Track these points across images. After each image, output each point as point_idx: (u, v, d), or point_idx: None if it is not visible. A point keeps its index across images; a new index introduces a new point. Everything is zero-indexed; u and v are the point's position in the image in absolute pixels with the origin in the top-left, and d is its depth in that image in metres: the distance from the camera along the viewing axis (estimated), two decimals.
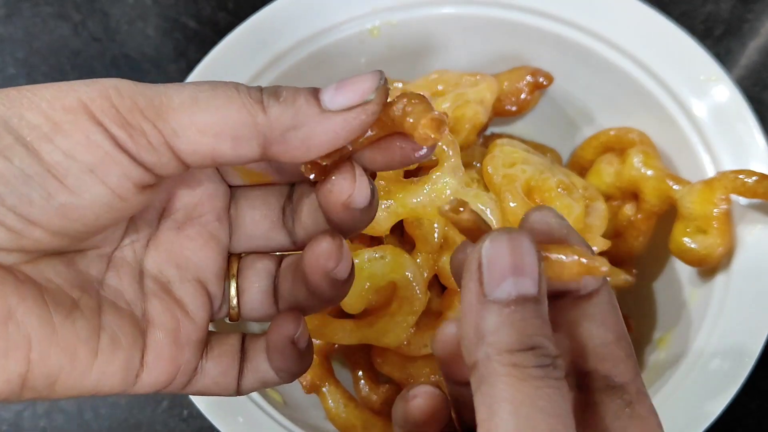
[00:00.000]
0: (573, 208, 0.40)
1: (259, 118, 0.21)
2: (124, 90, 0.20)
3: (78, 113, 0.20)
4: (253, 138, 0.21)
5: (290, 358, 0.25)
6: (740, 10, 0.63)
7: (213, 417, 0.39)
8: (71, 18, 0.66)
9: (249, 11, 0.47)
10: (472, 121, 0.45)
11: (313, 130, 0.21)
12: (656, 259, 0.48)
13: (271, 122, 0.21)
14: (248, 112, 0.21)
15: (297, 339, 0.25)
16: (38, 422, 0.51)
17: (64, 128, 0.20)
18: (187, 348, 0.25)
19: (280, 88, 0.22)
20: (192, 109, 0.21)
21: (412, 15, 0.49)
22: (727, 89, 0.44)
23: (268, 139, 0.21)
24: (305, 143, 0.21)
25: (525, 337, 0.19)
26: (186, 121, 0.21)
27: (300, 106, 0.21)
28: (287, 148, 0.21)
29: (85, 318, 0.23)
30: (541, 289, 0.20)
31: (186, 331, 0.25)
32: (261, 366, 0.26)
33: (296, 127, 0.21)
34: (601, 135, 0.50)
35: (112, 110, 0.20)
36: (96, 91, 0.20)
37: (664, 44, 0.46)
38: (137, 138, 0.20)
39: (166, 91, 0.21)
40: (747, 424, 0.49)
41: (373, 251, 0.39)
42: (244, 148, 0.21)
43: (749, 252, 0.41)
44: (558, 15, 0.47)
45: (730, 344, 0.39)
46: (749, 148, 0.43)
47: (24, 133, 0.20)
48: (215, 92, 0.21)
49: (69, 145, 0.20)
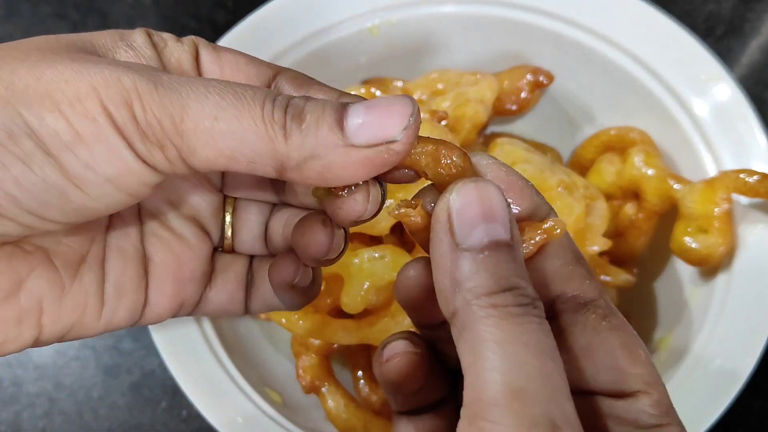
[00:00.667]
0: (574, 207, 0.40)
1: (279, 146, 0.20)
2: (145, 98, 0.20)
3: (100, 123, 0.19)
4: (269, 164, 0.20)
5: (293, 295, 0.26)
6: (742, 9, 0.62)
7: (212, 417, 0.39)
8: (70, 18, 0.66)
9: (248, 10, 0.47)
10: (473, 120, 0.45)
11: (333, 163, 0.20)
12: (657, 258, 0.48)
13: (290, 151, 0.20)
14: (269, 140, 0.20)
15: (297, 283, 0.25)
16: (37, 423, 0.51)
17: (86, 139, 0.19)
18: (189, 283, 0.26)
19: (307, 106, 0.20)
20: (211, 132, 0.20)
21: (412, 14, 0.49)
22: (728, 88, 0.44)
23: (285, 166, 0.20)
24: (322, 175, 0.20)
25: (502, 279, 0.19)
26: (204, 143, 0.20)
27: (322, 135, 0.20)
28: (303, 175, 0.21)
29: (92, 270, 0.24)
30: (514, 235, 0.20)
31: (187, 267, 0.26)
32: (267, 293, 0.27)
33: (314, 157, 0.20)
34: (602, 134, 0.50)
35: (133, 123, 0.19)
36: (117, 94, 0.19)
37: (665, 43, 0.46)
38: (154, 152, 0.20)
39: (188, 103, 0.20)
40: (749, 425, 0.49)
41: (373, 251, 0.39)
42: (259, 170, 0.21)
43: (751, 251, 0.41)
44: (559, 13, 0.47)
45: (732, 344, 0.39)
46: (751, 147, 0.43)
47: (45, 140, 0.19)
48: (238, 111, 0.20)
49: (90, 157, 0.20)
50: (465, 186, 0.20)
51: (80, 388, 0.52)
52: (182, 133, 0.20)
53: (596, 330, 0.21)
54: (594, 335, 0.21)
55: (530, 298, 0.19)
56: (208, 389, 0.40)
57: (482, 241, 0.19)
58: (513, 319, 0.18)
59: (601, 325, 0.21)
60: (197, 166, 0.20)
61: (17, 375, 0.53)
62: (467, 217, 0.19)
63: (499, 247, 0.19)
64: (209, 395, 0.39)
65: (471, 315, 0.18)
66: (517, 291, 0.19)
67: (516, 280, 0.19)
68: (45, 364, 0.53)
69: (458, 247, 0.19)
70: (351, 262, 0.39)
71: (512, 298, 0.19)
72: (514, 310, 0.18)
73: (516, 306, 0.18)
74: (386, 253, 0.38)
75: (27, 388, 0.52)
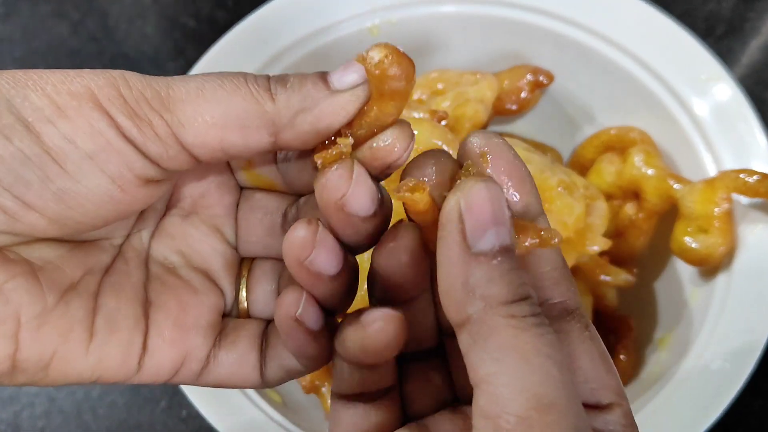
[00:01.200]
0: (574, 207, 0.40)
1: (268, 106, 0.21)
2: (132, 81, 0.20)
3: (83, 99, 0.20)
4: (262, 126, 0.21)
5: (301, 338, 0.23)
6: (742, 9, 0.62)
7: (212, 417, 0.39)
8: (70, 17, 0.66)
9: (248, 9, 0.47)
10: (473, 120, 0.45)
11: (323, 111, 0.21)
12: (657, 258, 0.48)
13: (279, 109, 0.21)
14: (256, 101, 0.21)
15: (300, 316, 0.23)
16: (37, 423, 0.51)
17: (68, 113, 0.20)
18: (194, 331, 0.24)
19: (287, 75, 0.22)
20: (198, 100, 0.20)
21: (412, 13, 0.49)
22: (728, 88, 0.44)
23: (278, 126, 0.21)
24: (315, 125, 0.21)
25: (516, 287, 0.19)
26: (192, 112, 0.20)
27: (308, 90, 0.21)
28: (297, 133, 0.21)
29: (81, 298, 0.22)
30: (513, 239, 0.20)
31: (192, 315, 0.24)
32: (282, 352, 0.25)
33: (305, 110, 0.21)
34: (602, 134, 0.50)
35: (120, 99, 0.20)
36: (104, 79, 0.20)
37: (665, 43, 0.45)
38: (143, 128, 0.20)
39: (173, 83, 0.21)
40: (749, 425, 0.49)
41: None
42: (254, 137, 0.21)
43: (751, 251, 0.41)
44: (559, 13, 0.47)
45: (732, 344, 0.39)
46: (751, 147, 0.43)
47: (26, 114, 0.20)
48: (222, 82, 0.21)
49: (70, 130, 0.20)
50: (476, 186, 0.19)
51: (80, 387, 0.52)
52: (170, 104, 0.20)
53: (580, 339, 0.21)
54: (579, 344, 0.21)
55: (539, 308, 0.19)
56: (208, 389, 0.39)
57: (494, 246, 0.19)
58: (534, 329, 0.18)
59: (584, 334, 0.21)
60: (191, 142, 0.21)
61: None
62: (479, 219, 0.19)
63: (509, 253, 0.19)
64: (209, 395, 0.39)
65: (492, 323, 0.18)
66: (530, 300, 0.19)
67: (527, 289, 0.19)
68: None
69: (470, 249, 0.19)
70: None
71: (528, 308, 0.18)
72: (533, 321, 0.18)
73: (533, 316, 0.18)
74: None
75: (26, 387, 0.52)
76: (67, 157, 0.20)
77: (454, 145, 0.39)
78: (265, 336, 0.25)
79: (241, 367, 0.25)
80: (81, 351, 0.22)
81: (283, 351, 0.25)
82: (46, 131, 0.20)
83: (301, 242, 0.22)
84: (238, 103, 0.21)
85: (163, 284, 0.24)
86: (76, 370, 0.22)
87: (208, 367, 0.25)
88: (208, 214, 0.26)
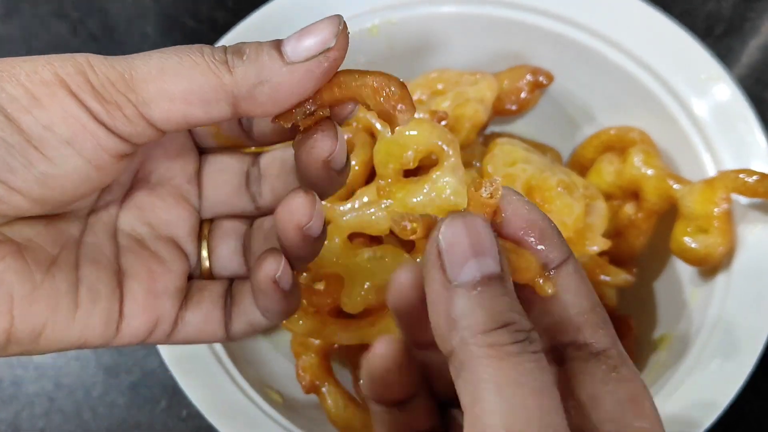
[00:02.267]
0: (573, 207, 0.40)
1: (225, 78, 0.22)
2: (96, 65, 0.21)
3: (55, 87, 0.21)
4: (221, 99, 0.22)
5: (274, 297, 0.26)
6: (741, 8, 0.62)
7: (212, 417, 0.39)
8: (70, 17, 0.66)
9: (248, 10, 0.47)
10: (472, 120, 0.45)
11: (279, 84, 0.22)
12: (657, 258, 0.48)
13: (237, 81, 0.22)
14: (214, 75, 0.21)
15: (279, 278, 0.25)
16: (37, 423, 0.51)
17: (43, 101, 0.21)
18: (164, 297, 0.26)
19: (243, 45, 0.22)
20: (160, 79, 0.21)
21: (412, 13, 0.49)
22: (728, 88, 0.44)
23: (237, 97, 0.22)
24: (272, 97, 0.22)
25: (496, 315, 0.19)
26: (156, 91, 0.21)
27: (264, 61, 0.22)
28: (256, 103, 0.22)
29: (64, 272, 0.24)
30: (504, 266, 0.20)
31: (161, 282, 0.26)
32: (248, 308, 0.27)
33: (262, 82, 0.22)
34: (602, 134, 0.50)
35: (87, 85, 0.21)
36: (71, 66, 0.21)
37: (664, 43, 0.46)
38: (112, 111, 0.21)
39: (135, 64, 0.21)
40: (749, 425, 0.49)
41: (372, 251, 0.39)
42: (215, 109, 0.22)
43: (750, 251, 0.41)
44: (558, 13, 0.47)
45: (731, 344, 0.39)
46: (750, 147, 0.43)
47: (4, 104, 0.21)
48: (181, 58, 0.21)
49: (47, 117, 0.21)
50: (453, 221, 0.20)
51: (80, 387, 0.52)
52: (134, 86, 0.21)
53: (604, 381, 0.21)
54: (602, 386, 0.21)
55: (525, 331, 0.19)
56: (208, 389, 0.40)
57: (475, 277, 0.19)
58: (510, 359, 0.18)
59: (609, 376, 0.21)
60: (156, 118, 0.22)
61: (17, 375, 0.53)
62: (457, 253, 0.20)
63: (492, 282, 0.19)
64: (209, 395, 0.39)
65: (469, 354, 0.19)
66: (512, 326, 0.19)
67: (511, 315, 0.19)
68: (45, 363, 0.53)
69: (451, 284, 0.19)
70: (351, 262, 0.39)
71: (508, 336, 0.19)
72: (511, 349, 0.18)
73: (513, 344, 0.19)
74: (386, 253, 0.38)
75: (26, 387, 0.52)
76: (47, 144, 0.21)
77: (453, 145, 0.39)
78: (229, 294, 0.28)
79: (207, 324, 0.27)
80: (69, 321, 0.24)
81: (248, 307, 0.27)
82: (25, 120, 0.21)
83: (305, 210, 0.24)
84: (198, 79, 0.21)
85: (133, 254, 0.26)
86: (65, 339, 0.24)
87: (176, 327, 0.27)
88: (173, 184, 0.28)
